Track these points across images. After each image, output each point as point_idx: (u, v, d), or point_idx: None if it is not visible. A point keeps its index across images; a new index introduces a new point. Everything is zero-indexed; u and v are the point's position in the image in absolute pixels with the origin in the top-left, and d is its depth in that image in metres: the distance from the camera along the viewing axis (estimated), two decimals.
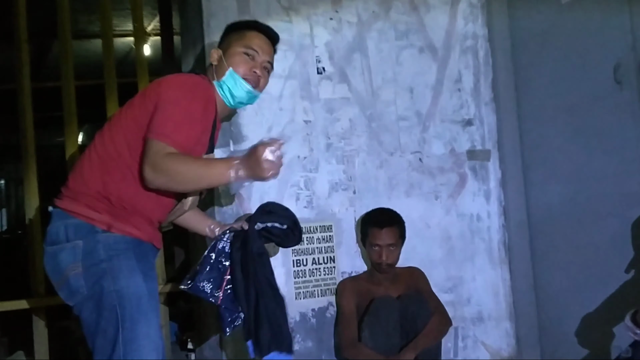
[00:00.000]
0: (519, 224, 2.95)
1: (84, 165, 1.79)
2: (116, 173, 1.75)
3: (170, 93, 1.74)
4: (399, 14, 2.81)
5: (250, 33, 1.97)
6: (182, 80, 1.82)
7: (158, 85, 1.80)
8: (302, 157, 2.59)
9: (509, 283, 2.93)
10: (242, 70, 1.91)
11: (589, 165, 2.65)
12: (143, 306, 1.70)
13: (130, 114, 1.80)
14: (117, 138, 1.77)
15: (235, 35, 1.98)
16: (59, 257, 1.74)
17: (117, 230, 1.73)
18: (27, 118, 2.63)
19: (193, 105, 1.75)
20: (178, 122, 1.70)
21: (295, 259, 2.54)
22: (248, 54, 1.93)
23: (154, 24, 5.44)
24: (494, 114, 2.97)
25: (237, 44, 1.95)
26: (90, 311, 1.72)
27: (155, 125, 1.70)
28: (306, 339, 2.53)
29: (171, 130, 1.68)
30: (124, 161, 1.75)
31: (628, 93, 2.48)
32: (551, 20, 2.82)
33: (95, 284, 1.70)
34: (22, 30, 2.65)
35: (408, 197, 2.76)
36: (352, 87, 2.71)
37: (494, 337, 2.88)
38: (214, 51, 1.98)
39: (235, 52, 1.93)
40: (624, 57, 2.49)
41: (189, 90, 1.76)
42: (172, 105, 1.72)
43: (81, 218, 1.73)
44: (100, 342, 1.70)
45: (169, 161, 1.66)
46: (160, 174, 1.66)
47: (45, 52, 5.96)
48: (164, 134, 1.68)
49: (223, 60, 1.93)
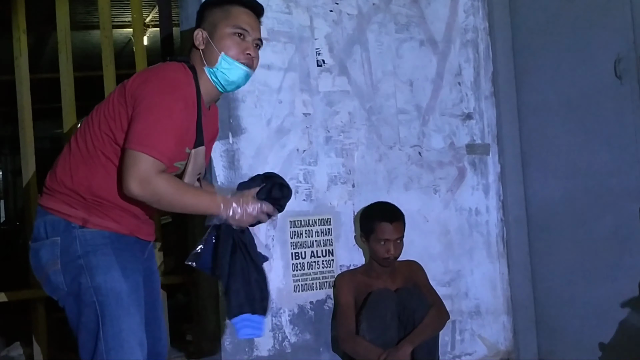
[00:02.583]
0: (518, 218, 2.95)
1: (59, 163, 1.78)
2: (92, 170, 1.72)
3: (152, 99, 1.66)
4: (399, 7, 2.80)
5: (235, 9, 1.82)
6: (163, 82, 1.71)
7: (137, 85, 1.71)
8: (302, 150, 2.58)
9: (506, 277, 2.93)
10: (234, 54, 1.81)
11: (588, 160, 2.65)
12: (123, 301, 1.69)
13: (107, 110, 1.74)
14: (94, 135, 1.73)
15: (218, 12, 1.83)
16: (39, 253, 1.74)
17: (93, 225, 1.71)
18: (26, 109, 2.62)
19: (174, 110, 1.67)
20: (162, 132, 1.64)
21: (294, 252, 2.54)
22: (238, 34, 1.81)
23: (152, 15, 5.43)
24: (493, 108, 2.97)
25: (224, 23, 1.81)
26: (71, 307, 1.72)
27: (138, 136, 1.64)
28: (304, 332, 2.54)
29: (156, 141, 1.63)
30: (99, 159, 1.72)
31: (628, 88, 2.48)
32: (552, 15, 2.82)
33: (74, 281, 1.70)
34: (21, 21, 2.64)
35: (407, 191, 2.75)
36: (351, 80, 2.70)
37: (492, 330, 2.89)
38: (198, 33, 1.83)
39: (224, 34, 1.80)
40: (624, 52, 2.48)
41: (169, 93, 1.68)
42: (155, 114, 1.64)
43: (58, 214, 1.72)
44: (83, 337, 1.70)
45: (161, 183, 1.63)
46: (147, 192, 1.63)
47: (43, 43, 5.94)
48: (149, 146, 1.62)
49: (211, 43, 1.79)
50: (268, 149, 2.52)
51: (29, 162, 2.60)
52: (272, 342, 2.47)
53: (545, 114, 2.86)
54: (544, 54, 2.85)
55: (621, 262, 2.50)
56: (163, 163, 1.65)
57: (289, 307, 2.52)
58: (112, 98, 1.76)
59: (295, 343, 2.51)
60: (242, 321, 1.79)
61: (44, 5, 3.52)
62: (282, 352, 2.49)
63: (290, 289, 2.52)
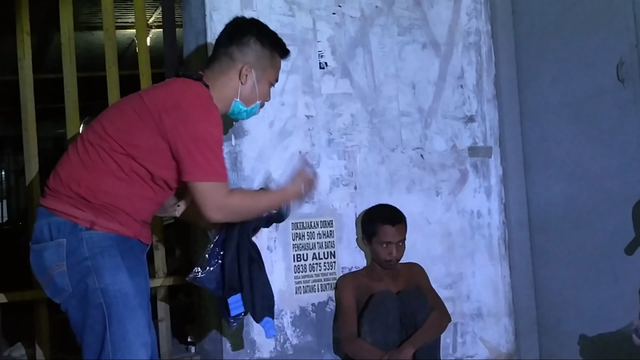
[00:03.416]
0: (520, 221, 2.95)
1: (64, 166, 1.78)
2: (101, 176, 1.73)
3: (196, 129, 1.74)
4: (402, 9, 2.81)
5: (278, 61, 2.00)
6: (199, 109, 1.77)
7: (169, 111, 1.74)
8: (304, 152, 2.59)
9: (508, 280, 2.93)
10: (263, 100, 1.98)
11: (590, 163, 2.65)
12: (130, 303, 1.70)
13: (123, 122, 1.76)
14: (105, 143, 1.74)
15: (267, 56, 1.95)
16: (43, 255, 1.74)
17: (101, 228, 1.72)
18: (29, 109, 2.63)
19: (215, 133, 1.79)
20: (217, 157, 1.77)
21: (296, 254, 2.54)
22: (272, 84, 2.00)
23: (155, 16, 5.44)
24: (496, 110, 2.97)
25: (270, 73, 1.97)
26: (76, 309, 1.73)
27: (201, 167, 1.74)
28: (306, 334, 2.54)
29: (217, 167, 1.76)
30: (109, 167, 1.73)
31: (631, 91, 2.48)
32: (554, 18, 2.82)
33: (80, 282, 1.70)
34: (25, 24, 2.64)
35: (409, 193, 2.76)
36: (354, 82, 2.70)
37: (493, 333, 2.89)
38: (246, 71, 1.91)
39: (266, 83, 1.96)
40: (627, 55, 2.48)
41: (208, 120, 1.77)
42: (206, 143, 1.75)
43: (64, 216, 1.72)
44: (88, 339, 1.71)
45: (236, 202, 1.82)
46: (228, 214, 1.81)
47: (47, 43, 5.95)
48: (213, 174, 1.75)
49: (256, 87, 1.93)
50: (270, 151, 2.53)
51: (32, 162, 2.60)
52: (274, 343, 2.48)
53: (547, 117, 2.86)
54: (547, 57, 2.85)
55: (623, 264, 2.50)
56: (227, 183, 1.79)
57: (291, 309, 2.52)
58: (127, 109, 1.78)
59: (297, 345, 2.51)
60: (267, 323, 2.03)
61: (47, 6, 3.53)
62: (284, 353, 2.49)
63: (292, 291, 2.53)
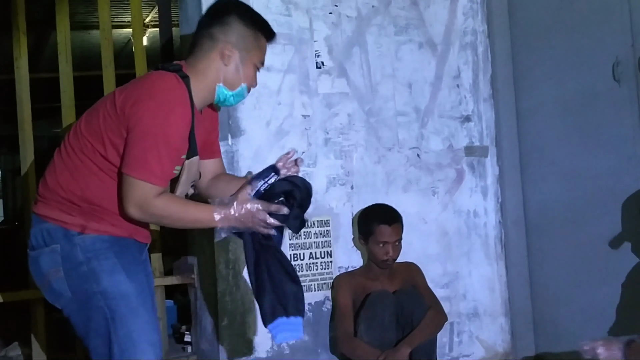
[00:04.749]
0: (516, 220, 2.96)
1: (50, 171, 1.77)
2: (85, 179, 1.72)
3: (146, 124, 1.65)
4: (398, 9, 2.81)
5: (264, 42, 1.84)
6: (156, 104, 1.67)
7: (130, 106, 1.67)
8: (300, 152, 2.59)
9: (504, 279, 2.94)
10: (249, 84, 1.85)
11: (586, 162, 2.66)
12: (132, 303, 1.69)
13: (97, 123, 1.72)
14: (84, 146, 1.72)
15: (251, 37, 1.81)
16: (39, 262, 1.74)
17: (92, 231, 1.71)
18: (25, 109, 2.62)
19: (169, 134, 1.66)
20: (158, 157, 1.65)
21: (293, 253, 2.54)
22: (258, 68, 1.86)
23: (152, 15, 5.43)
24: (492, 110, 2.97)
25: (255, 54, 1.82)
26: (78, 314, 1.72)
27: (135, 161, 1.64)
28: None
29: (153, 166, 1.64)
30: (90, 169, 1.71)
31: (626, 91, 2.48)
32: (550, 18, 2.82)
33: (79, 287, 1.70)
34: (21, 23, 2.64)
35: (405, 193, 2.76)
36: (350, 82, 2.71)
37: (489, 332, 2.89)
38: (229, 51, 1.78)
39: (251, 65, 1.82)
40: (622, 55, 2.49)
41: (164, 118, 1.66)
42: (151, 139, 1.64)
43: (54, 222, 1.72)
44: (94, 343, 1.70)
45: (160, 206, 1.67)
46: (146, 215, 1.68)
47: (43, 42, 5.94)
48: (146, 172, 1.64)
49: (240, 69, 1.80)
50: (267, 150, 2.53)
51: (28, 161, 2.60)
52: (270, 343, 2.47)
53: (543, 116, 2.86)
54: (543, 56, 2.86)
55: (619, 264, 2.51)
56: (160, 186, 1.67)
57: None
58: (102, 110, 1.73)
59: (294, 344, 2.51)
60: (278, 326, 1.79)
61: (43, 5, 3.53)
62: (280, 353, 2.49)
63: None
